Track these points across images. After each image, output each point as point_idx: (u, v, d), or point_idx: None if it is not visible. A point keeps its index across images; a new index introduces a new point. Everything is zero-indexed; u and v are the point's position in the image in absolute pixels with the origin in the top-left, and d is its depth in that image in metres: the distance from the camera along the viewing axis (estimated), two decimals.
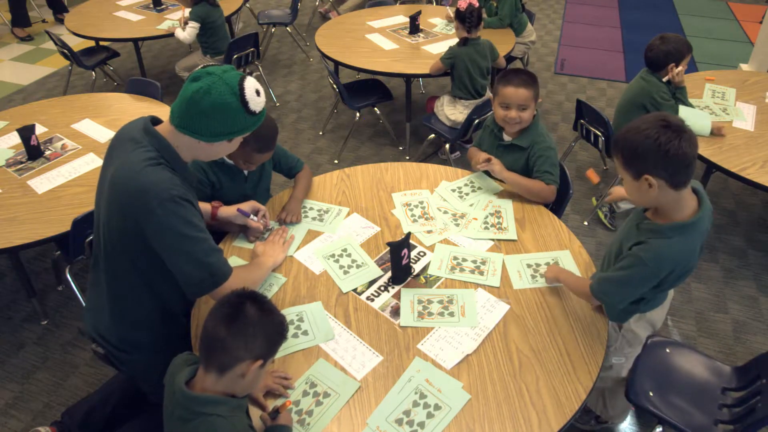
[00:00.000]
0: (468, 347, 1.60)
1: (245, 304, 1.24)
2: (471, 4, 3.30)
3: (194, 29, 4.06)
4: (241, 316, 1.22)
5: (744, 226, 3.27)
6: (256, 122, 1.51)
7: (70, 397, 2.36)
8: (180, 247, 1.48)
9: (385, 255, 1.93)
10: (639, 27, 6.06)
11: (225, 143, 1.50)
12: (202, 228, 1.52)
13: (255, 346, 1.22)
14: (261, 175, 2.19)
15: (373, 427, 1.41)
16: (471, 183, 2.27)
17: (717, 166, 2.62)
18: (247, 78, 1.45)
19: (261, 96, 1.48)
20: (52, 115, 3.06)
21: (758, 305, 2.77)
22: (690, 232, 1.47)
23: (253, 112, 1.46)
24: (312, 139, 4.21)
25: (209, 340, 1.23)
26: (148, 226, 1.45)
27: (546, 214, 2.12)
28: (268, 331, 1.25)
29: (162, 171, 1.44)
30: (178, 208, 1.44)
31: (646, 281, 1.52)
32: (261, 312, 1.25)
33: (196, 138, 1.46)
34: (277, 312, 1.29)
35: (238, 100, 1.42)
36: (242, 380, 1.24)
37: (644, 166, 1.41)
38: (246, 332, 1.21)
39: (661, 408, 1.75)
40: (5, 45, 5.92)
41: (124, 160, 1.47)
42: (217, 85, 1.41)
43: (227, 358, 1.21)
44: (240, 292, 1.28)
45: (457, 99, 3.47)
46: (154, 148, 1.46)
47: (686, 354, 1.93)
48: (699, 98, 3.15)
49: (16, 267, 2.57)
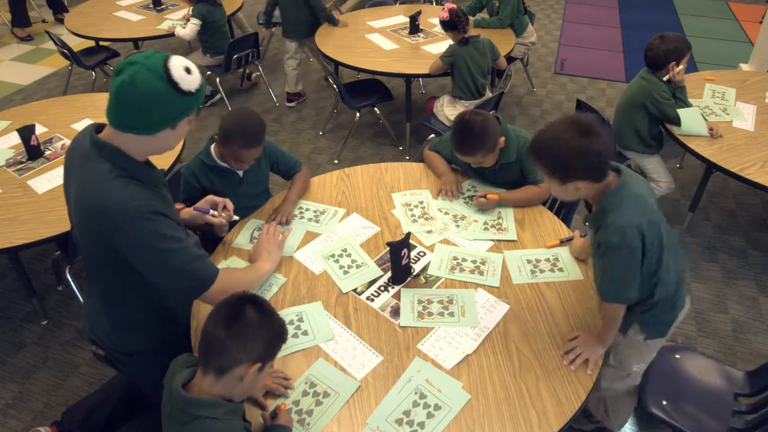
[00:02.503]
0: (468, 347, 1.60)
1: (245, 306, 1.23)
2: (451, 9, 3.30)
3: (195, 26, 4.06)
4: (241, 318, 1.21)
5: (744, 226, 3.27)
6: (195, 101, 1.38)
7: (70, 397, 2.36)
8: (156, 262, 1.42)
9: (385, 255, 1.93)
10: (639, 27, 6.06)
11: (170, 132, 1.38)
12: (178, 237, 1.44)
13: (254, 348, 1.21)
14: (257, 176, 2.18)
15: (373, 427, 1.41)
16: (473, 188, 2.26)
17: (717, 166, 2.62)
18: (172, 57, 1.33)
19: (193, 73, 1.35)
20: (52, 115, 3.06)
21: (758, 305, 2.77)
22: (622, 193, 1.49)
23: (188, 91, 1.33)
24: (312, 139, 4.21)
25: (208, 342, 1.22)
26: (121, 244, 1.39)
27: (546, 214, 2.12)
28: (268, 333, 1.24)
29: (123, 186, 1.36)
30: (147, 223, 1.37)
31: (630, 260, 1.49)
32: (260, 315, 1.24)
33: (138, 134, 1.35)
34: (277, 315, 1.28)
35: (167, 83, 1.30)
36: (240, 383, 1.23)
37: (568, 174, 1.46)
38: (245, 334, 1.21)
39: (675, 417, 1.73)
40: (5, 45, 5.92)
41: (82, 180, 1.40)
42: (141, 74, 1.28)
43: (226, 360, 1.21)
44: (240, 294, 1.27)
45: (457, 99, 3.47)
46: (106, 159, 1.37)
47: (696, 359, 1.90)
48: (699, 98, 3.15)
49: (16, 267, 2.57)
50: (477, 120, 2.02)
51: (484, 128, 2.01)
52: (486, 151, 2.06)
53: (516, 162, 2.16)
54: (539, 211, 2.13)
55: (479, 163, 2.12)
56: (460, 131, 2.06)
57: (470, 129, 2.02)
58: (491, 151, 2.07)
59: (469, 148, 2.06)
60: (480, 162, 2.12)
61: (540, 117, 4.42)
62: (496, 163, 2.15)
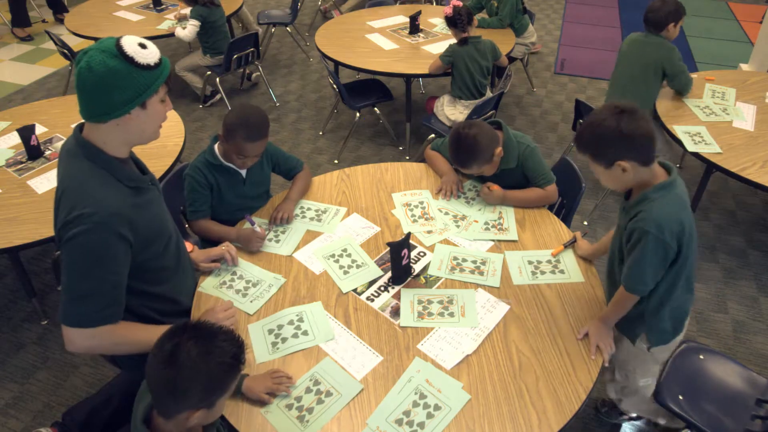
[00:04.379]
0: (468, 347, 1.60)
1: (182, 345, 1.11)
2: (455, 6, 3.31)
3: (195, 27, 4.06)
4: (175, 365, 1.10)
5: (744, 226, 3.27)
6: (158, 75, 1.37)
7: (70, 397, 2.36)
8: (65, 267, 1.41)
9: (385, 255, 1.93)
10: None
11: (141, 112, 1.38)
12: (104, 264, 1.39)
13: (192, 397, 1.12)
14: (260, 177, 2.18)
15: (373, 427, 1.41)
16: (474, 187, 2.26)
17: (717, 166, 2.62)
18: (124, 37, 1.34)
19: (149, 47, 1.35)
20: (52, 115, 3.06)
21: (758, 305, 2.77)
22: (670, 189, 1.51)
23: (146, 65, 1.33)
24: (312, 139, 4.21)
25: (150, 385, 1.15)
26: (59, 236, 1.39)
27: (546, 215, 2.12)
28: (208, 377, 1.12)
29: (98, 186, 1.38)
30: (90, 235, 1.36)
31: (660, 250, 1.49)
32: (200, 354, 1.11)
33: (109, 119, 1.35)
34: (221, 348, 1.14)
35: (122, 60, 1.31)
36: (189, 422, 1.16)
37: (614, 154, 1.47)
38: (178, 385, 1.10)
39: (690, 412, 1.72)
40: (5, 45, 5.92)
41: (64, 175, 1.42)
42: (95, 56, 1.31)
43: (165, 408, 1.15)
44: (179, 327, 1.16)
45: (457, 99, 3.47)
46: (84, 157, 1.40)
47: (720, 362, 1.88)
48: (699, 98, 3.15)
49: (16, 267, 2.57)
50: (470, 134, 2.01)
51: (477, 142, 2.00)
52: (481, 163, 2.06)
53: (517, 168, 2.15)
54: (539, 211, 2.13)
55: (479, 173, 2.14)
56: (453, 144, 2.08)
57: (462, 143, 2.03)
58: (487, 162, 2.07)
59: (463, 162, 2.08)
60: (479, 172, 2.13)
61: (540, 117, 4.42)
62: (497, 169, 2.15)
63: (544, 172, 2.14)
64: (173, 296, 1.68)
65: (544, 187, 2.14)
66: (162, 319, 1.65)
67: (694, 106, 3.06)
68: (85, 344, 1.45)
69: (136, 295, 1.54)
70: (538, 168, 2.14)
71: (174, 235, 1.66)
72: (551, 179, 2.15)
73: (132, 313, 1.57)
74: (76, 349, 1.45)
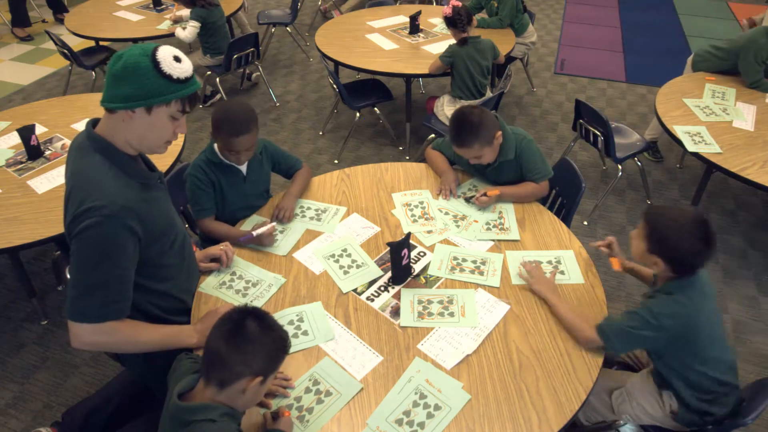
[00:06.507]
0: (468, 347, 1.60)
1: (246, 320, 1.24)
2: (455, 6, 3.31)
3: (195, 28, 4.06)
4: (242, 333, 1.23)
5: (744, 226, 3.27)
6: (175, 89, 1.39)
7: (70, 397, 2.36)
8: (74, 261, 1.41)
9: (385, 255, 1.93)
10: (639, 27, 6.05)
11: (144, 116, 1.39)
12: (113, 259, 1.40)
13: (254, 362, 1.23)
14: (260, 175, 2.19)
15: (373, 427, 1.41)
16: (474, 187, 2.26)
17: (717, 166, 2.62)
18: (165, 45, 1.39)
19: (182, 62, 1.39)
20: (52, 115, 3.06)
21: (758, 305, 2.77)
22: (689, 289, 1.54)
23: (167, 74, 1.36)
24: (312, 139, 4.21)
25: (210, 356, 1.24)
26: (69, 232, 1.40)
27: (546, 214, 2.12)
28: (268, 348, 1.25)
29: (111, 180, 1.40)
30: (101, 228, 1.37)
31: (647, 330, 1.51)
32: (261, 328, 1.24)
33: (116, 108, 1.38)
34: (279, 328, 1.29)
35: (150, 61, 1.35)
36: (242, 396, 1.25)
37: (661, 254, 1.52)
38: (245, 349, 1.22)
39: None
40: (5, 45, 5.92)
41: (74, 170, 1.45)
42: (131, 50, 1.38)
43: (227, 374, 1.22)
44: (241, 308, 1.28)
45: (457, 99, 3.47)
46: (95, 150, 1.43)
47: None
48: (699, 98, 3.15)
49: (16, 267, 2.57)
50: (474, 111, 2.07)
51: (480, 119, 2.04)
52: (482, 143, 2.06)
53: (515, 160, 2.16)
54: (539, 211, 2.13)
55: (478, 158, 2.12)
56: (456, 122, 2.09)
57: (465, 121, 2.06)
58: (488, 143, 2.07)
59: (465, 140, 2.07)
60: (478, 157, 2.12)
61: (540, 117, 4.42)
62: (495, 160, 2.15)
63: (539, 165, 2.16)
64: (177, 294, 1.69)
65: (539, 182, 2.16)
66: (166, 316, 1.65)
67: (694, 106, 3.06)
68: (91, 340, 1.45)
69: (140, 291, 1.55)
70: (535, 160, 2.16)
71: (180, 234, 1.67)
72: (546, 174, 2.17)
73: (136, 309, 1.57)
74: (81, 344, 1.46)
